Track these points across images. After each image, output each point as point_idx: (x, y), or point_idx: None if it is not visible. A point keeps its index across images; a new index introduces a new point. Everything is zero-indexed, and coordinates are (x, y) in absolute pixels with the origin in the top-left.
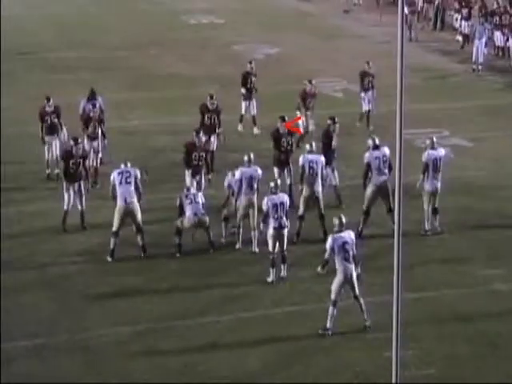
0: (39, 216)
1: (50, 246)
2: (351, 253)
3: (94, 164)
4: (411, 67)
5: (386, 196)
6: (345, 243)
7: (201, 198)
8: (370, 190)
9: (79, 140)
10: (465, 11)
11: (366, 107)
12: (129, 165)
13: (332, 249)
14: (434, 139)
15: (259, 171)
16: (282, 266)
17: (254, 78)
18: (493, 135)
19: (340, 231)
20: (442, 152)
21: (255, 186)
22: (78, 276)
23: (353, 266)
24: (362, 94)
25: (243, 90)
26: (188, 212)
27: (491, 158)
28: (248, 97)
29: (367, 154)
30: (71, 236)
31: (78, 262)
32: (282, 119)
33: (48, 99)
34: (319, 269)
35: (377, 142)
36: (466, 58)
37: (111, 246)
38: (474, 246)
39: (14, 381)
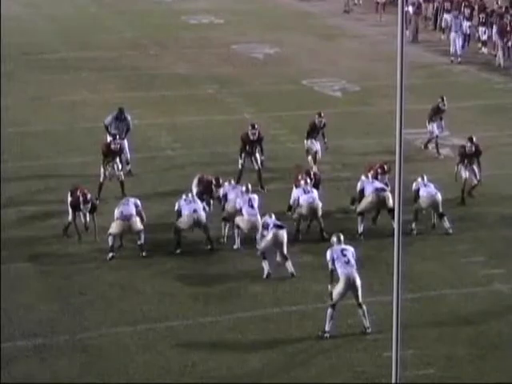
0: (39, 216)
1: (51, 245)
2: (352, 259)
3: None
4: (411, 67)
5: (384, 206)
6: (343, 250)
7: (198, 201)
8: (369, 198)
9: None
10: (467, 11)
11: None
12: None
13: (332, 259)
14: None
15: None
16: (287, 264)
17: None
18: (493, 135)
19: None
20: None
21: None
22: (78, 276)
23: (354, 270)
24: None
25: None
26: (186, 211)
27: (491, 158)
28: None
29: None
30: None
31: (77, 262)
32: (252, 126)
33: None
34: (329, 287)
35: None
36: (466, 58)
37: (110, 243)
38: (474, 245)
39: (13, 381)
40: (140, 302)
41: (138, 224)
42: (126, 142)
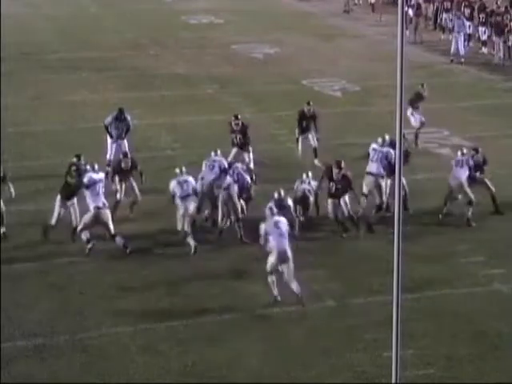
0: (39, 215)
1: (51, 245)
2: (285, 231)
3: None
4: (411, 67)
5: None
6: (277, 222)
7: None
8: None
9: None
10: (467, 11)
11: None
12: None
13: (265, 232)
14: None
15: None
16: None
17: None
18: (493, 135)
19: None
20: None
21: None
22: (78, 276)
23: (287, 242)
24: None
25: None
26: (178, 192)
27: (491, 157)
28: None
29: None
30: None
31: (77, 262)
32: (235, 117)
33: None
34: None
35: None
36: (466, 58)
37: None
38: (474, 245)
39: (13, 381)
40: (140, 302)
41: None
42: (125, 142)
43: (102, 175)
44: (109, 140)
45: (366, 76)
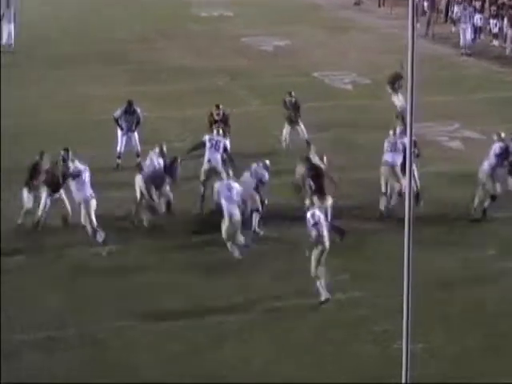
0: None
1: (59, 237)
2: (235, 196)
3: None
4: (422, 59)
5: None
6: (229, 185)
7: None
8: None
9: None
10: (478, 4)
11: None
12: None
13: (218, 192)
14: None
15: None
16: None
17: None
18: (504, 128)
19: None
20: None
21: None
22: (87, 268)
23: (236, 207)
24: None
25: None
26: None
27: None
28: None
29: None
30: (79, 228)
31: (85, 254)
32: (217, 107)
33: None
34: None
35: None
36: (476, 51)
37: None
38: (485, 238)
39: (20, 373)
40: (149, 295)
41: None
42: (136, 135)
43: (86, 166)
44: (119, 133)
45: (377, 69)
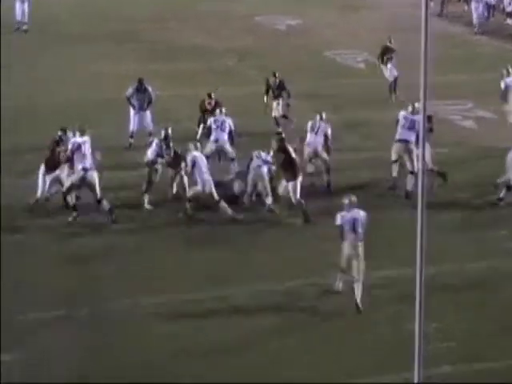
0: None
1: (69, 214)
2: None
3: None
4: (435, 38)
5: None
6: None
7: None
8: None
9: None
10: None
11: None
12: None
13: (193, 162)
14: None
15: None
16: None
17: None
18: None
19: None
20: None
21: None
22: (96, 250)
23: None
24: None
25: None
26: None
27: None
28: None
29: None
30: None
31: (96, 237)
32: (209, 96)
33: None
34: None
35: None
36: (490, 30)
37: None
38: (496, 219)
39: (31, 353)
40: (158, 274)
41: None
42: (148, 114)
43: (86, 138)
44: (131, 111)
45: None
